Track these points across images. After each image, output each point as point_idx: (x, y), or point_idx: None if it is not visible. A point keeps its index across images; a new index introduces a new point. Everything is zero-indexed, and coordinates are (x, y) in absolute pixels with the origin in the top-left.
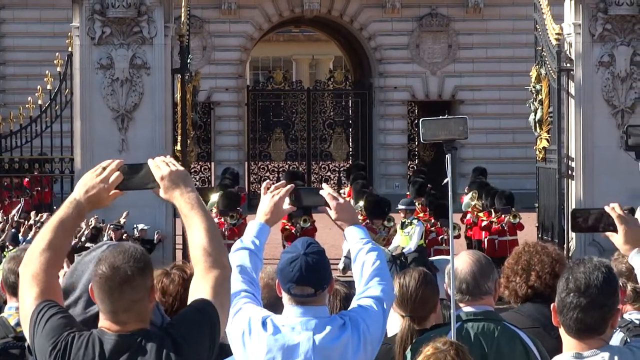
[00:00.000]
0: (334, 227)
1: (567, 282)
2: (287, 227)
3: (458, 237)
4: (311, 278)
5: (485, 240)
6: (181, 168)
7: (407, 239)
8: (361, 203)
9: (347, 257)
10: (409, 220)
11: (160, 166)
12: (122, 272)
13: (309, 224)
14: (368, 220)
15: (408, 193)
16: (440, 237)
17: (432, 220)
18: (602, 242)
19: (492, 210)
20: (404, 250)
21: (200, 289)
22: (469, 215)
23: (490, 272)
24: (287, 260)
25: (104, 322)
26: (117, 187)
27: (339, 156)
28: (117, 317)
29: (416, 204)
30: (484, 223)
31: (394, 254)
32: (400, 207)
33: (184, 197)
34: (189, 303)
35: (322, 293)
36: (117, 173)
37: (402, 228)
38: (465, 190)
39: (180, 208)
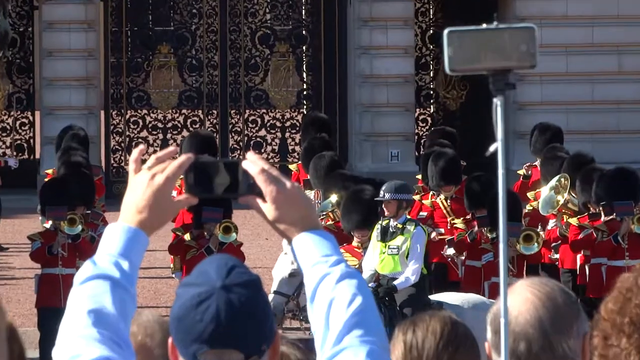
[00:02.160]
0: (273, 235)
1: None
2: (187, 240)
3: (535, 260)
4: (237, 333)
5: (587, 267)
6: None
7: (394, 260)
8: (334, 197)
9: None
10: (399, 224)
11: None
12: None
13: (235, 235)
14: (349, 232)
15: (419, 177)
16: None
17: (476, 228)
18: None
19: (599, 209)
20: (395, 283)
21: None
22: (552, 223)
23: (572, 319)
24: (190, 301)
25: None
26: None
27: (281, 99)
28: None
29: (441, 197)
30: (579, 234)
31: (372, 285)
32: (385, 196)
33: None
34: None
35: None
36: None
37: (382, 239)
38: (524, 170)
39: None
